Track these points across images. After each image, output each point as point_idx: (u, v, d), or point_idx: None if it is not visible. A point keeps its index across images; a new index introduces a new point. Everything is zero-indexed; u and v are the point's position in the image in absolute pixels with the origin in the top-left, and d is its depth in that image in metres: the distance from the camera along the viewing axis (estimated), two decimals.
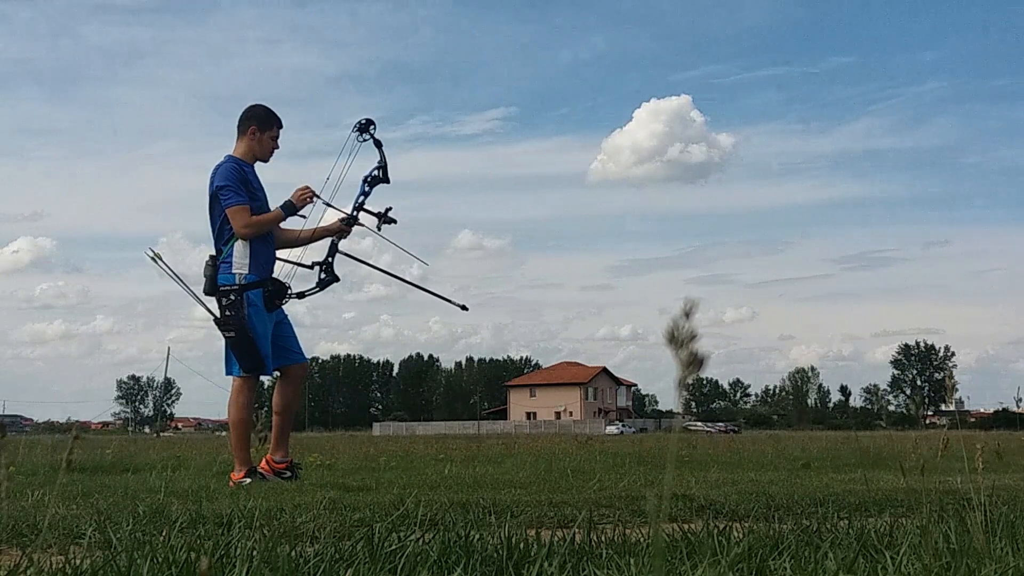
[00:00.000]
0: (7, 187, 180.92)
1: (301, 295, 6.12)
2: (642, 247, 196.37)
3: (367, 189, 6.22)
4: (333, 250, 6.22)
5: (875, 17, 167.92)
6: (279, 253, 6.09)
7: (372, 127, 6.16)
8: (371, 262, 6.78)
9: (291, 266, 6.13)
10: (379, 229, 6.22)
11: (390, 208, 6.21)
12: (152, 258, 6.09)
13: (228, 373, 5.91)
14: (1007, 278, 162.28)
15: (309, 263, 6.19)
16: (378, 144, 6.20)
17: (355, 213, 6.19)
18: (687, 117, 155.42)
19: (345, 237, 6.24)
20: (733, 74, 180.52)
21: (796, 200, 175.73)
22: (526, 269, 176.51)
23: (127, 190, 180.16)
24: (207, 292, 5.82)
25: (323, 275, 6.21)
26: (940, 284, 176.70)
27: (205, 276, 5.81)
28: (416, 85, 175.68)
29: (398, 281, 7.86)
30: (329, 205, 6.10)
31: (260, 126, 6.04)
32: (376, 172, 6.21)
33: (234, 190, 5.82)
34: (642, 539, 2.45)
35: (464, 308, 6.86)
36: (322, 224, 6.17)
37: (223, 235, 5.86)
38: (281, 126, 6.16)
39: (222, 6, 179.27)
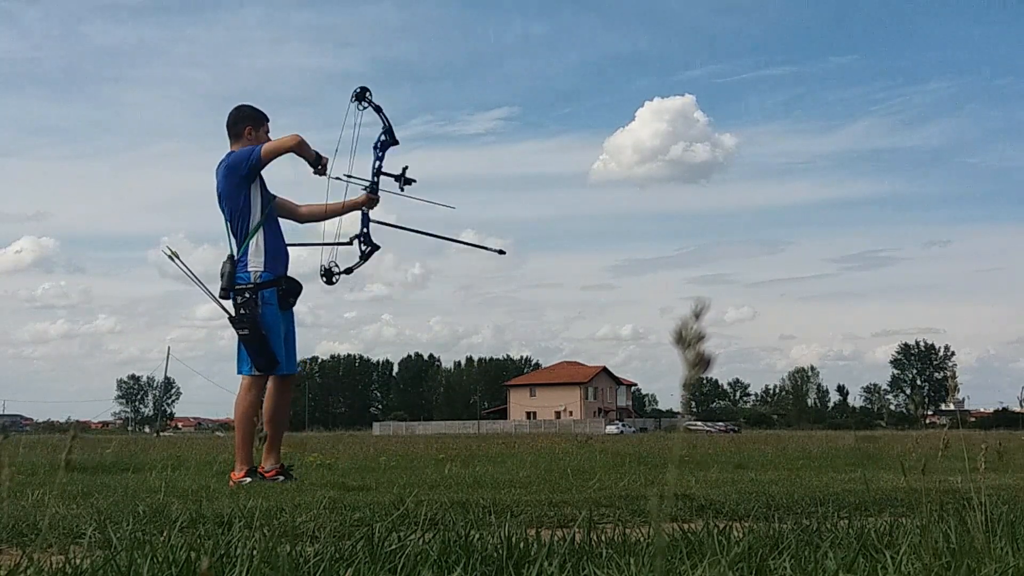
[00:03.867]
0: (11, 187, 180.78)
1: (350, 271, 6.33)
2: (643, 246, 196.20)
3: (380, 154, 6.35)
4: (366, 220, 6.39)
5: (877, 17, 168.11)
6: (316, 231, 6.24)
7: (368, 93, 6.24)
8: (402, 225, 6.85)
9: (333, 247, 6.30)
10: (401, 190, 6.36)
11: (407, 167, 6.35)
12: (169, 256, 6.15)
13: (239, 372, 5.93)
14: (1007, 278, 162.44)
15: (347, 239, 6.37)
16: (377, 109, 6.29)
17: (376, 180, 6.31)
18: (690, 117, 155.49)
19: (374, 206, 6.37)
20: (736, 74, 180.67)
21: (796, 200, 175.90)
22: (527, 269, 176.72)
23: (130, 190, 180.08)
24: (224, 288, 5.88)
25: (363, 247, 6.39)
26: (940, 284, 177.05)
27: (222, 275, 5.87)
28: (419, 84, 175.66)
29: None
30: (344, 179, 6.19)
31: (254, 125, 6.11)
32: (383, 136, 6.35)
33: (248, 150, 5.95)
34: (642, 539, 2.45)
35: (501, 252, 6.95)
36: (349, 199, 6.29)
37: (238, 234, 5.92)
38: (269, 120, 6.23)
39: (227, 6, 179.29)
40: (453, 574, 2.11)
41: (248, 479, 5.76)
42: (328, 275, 6.27)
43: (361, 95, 6.21)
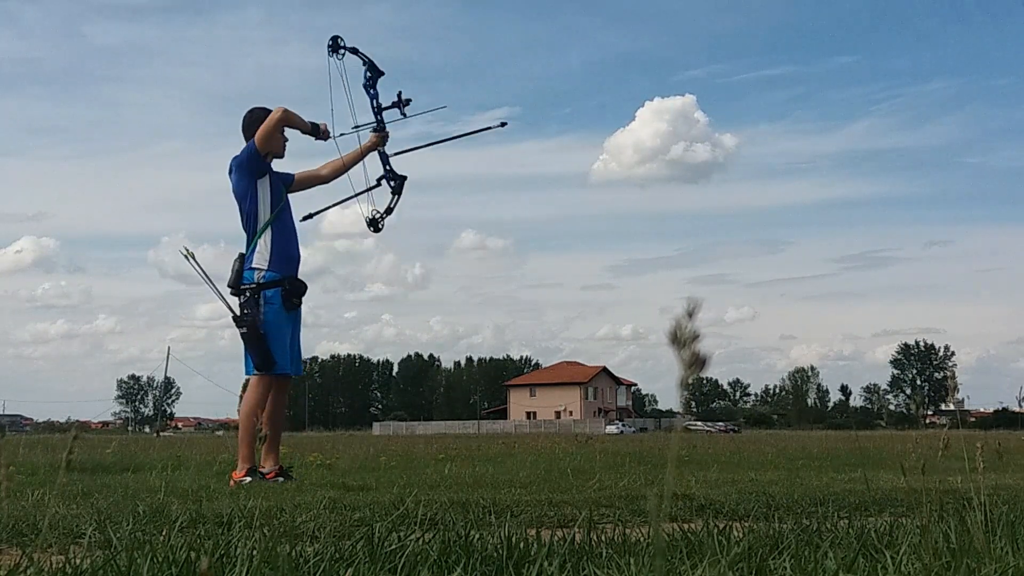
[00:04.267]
0: (11, 187, 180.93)
1: (389, 211, 6.50)
2: (643, 247, 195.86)
3: (372, 92, 6.49)
4: (385, 158, 6.55)
5: (878, 17, 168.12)
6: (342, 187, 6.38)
7: (340, 40, 6.34)
8: (415, 146, 6.92)
9: (368, 198, 6.48)
10: (404, 116, 6.52)
11: (400, 92, 6.52)
12: (186, 255, 6.20)
13: (246, 372, 5.99)
14: (1007, 278, 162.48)
15: (375, 181, 6.53)
16: (354, 51, 6.41)
17: (379, 117, 6.48)
18: (691, 117, 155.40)
19: (385, 143, 6.52)
20: (737, 73, 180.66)
21: (797, 200, 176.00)
22: (527, 269, 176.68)
23: (131, 190, 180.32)
24: (230, 285, 5.96)
25: (392, 183, 6.54)
26: (941, 284, 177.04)
27: (232, 271, 5.96)
28: (421, 84, 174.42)
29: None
30: (352, 131, 6.37)
31: None
32: (368, 72, 6.47)
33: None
34: (642, 539, 2.45)
35: (503, 124, 7.03)
36: (362, 144, 6.45)
37: (248, 233, 6.03)
38: None
39: (228, 6, 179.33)
40: (453, 574, 2.11)
41: (248, 479, 5.77)
42: (374, 224, 6.45)
43: (335, 47, 6.32)
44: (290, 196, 6.28)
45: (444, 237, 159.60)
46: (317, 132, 6.18)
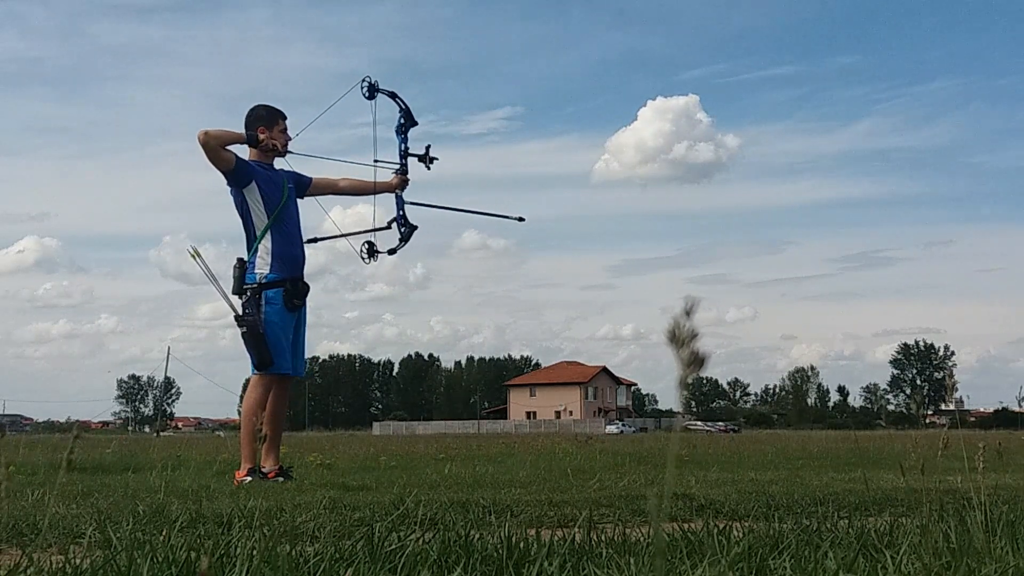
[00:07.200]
0: (14, 186, 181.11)
1: (393, 251, 6.66)
2: (644, 246, 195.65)
3: (402, 137, 6.62)
4: (400, 203, 6.65)
5: (881, 16, 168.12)
6: (358, 204, 6.49)
7: (376, 82, 6.50)
8: (432, 203, 7.01)
9: (374, 236, 6.62)
10: (429, 168, 6.68)
11: (429, 146, 6.67)
12: (193, 255, 6.23)
13: (252, 372, 6.04)
14: (1008, 278, 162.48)
15: (386, 223, 6.65)
16: (392, 95, 6.57)
17: (404, 163, 6.60)
18: (693, 116, 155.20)
19: (405, 187, 6.62)
20: (739, 73, 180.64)
21: (797, 200, 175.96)
22: (528, 268, 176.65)
23: (133, 190, 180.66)
24: (234, 292, 6.02)
25: (402, 228, 6.65)
26: (940, 284, 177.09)
27: (233, 277, 6.00)
28: (424, 84, 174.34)
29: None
30: (374, 164, 6.52)
31: (267, 124, 6.18)
32: (402, 119, 6.62)
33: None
34: (642, 538, 2.45)
35: (521, 219, 7.14)
36: (381, 180, 6.58)
37: (248, 236, 6.06)
38: (285, 117, 6.29)
39: (232, 5, 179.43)
40: (453, 574, 2.11)
41: (248, 478, 5.79)
42: (372, 254, 6.56)
43: (372, 93, 6.46)
44: (305, 199, 6.37)
45: (446, 237, 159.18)
46: (256, 141, 6.07)
